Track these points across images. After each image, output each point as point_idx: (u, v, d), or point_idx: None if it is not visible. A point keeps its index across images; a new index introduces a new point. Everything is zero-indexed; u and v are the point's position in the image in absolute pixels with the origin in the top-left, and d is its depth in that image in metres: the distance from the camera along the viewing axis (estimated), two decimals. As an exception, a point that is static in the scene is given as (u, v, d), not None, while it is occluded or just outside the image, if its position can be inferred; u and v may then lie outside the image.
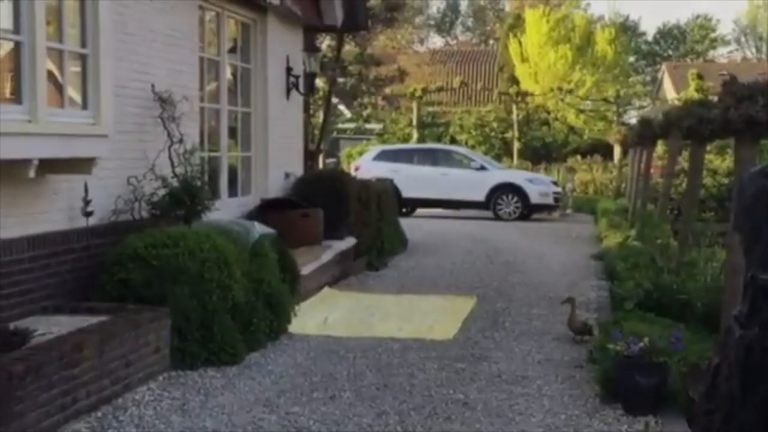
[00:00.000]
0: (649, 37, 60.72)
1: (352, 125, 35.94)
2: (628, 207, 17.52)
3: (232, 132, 10.76)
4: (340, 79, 20.11)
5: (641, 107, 43.92)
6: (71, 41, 6.38)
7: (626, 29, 49.33)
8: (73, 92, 6.55)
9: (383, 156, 22.40)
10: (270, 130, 11.18)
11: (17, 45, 5.74)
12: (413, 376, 6.60)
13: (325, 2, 12.58)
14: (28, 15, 5.70)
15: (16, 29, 5.72)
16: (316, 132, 16.37)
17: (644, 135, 14.91)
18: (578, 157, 32.39)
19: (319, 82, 20.12)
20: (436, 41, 62.10)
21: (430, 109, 36.05)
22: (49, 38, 5.98)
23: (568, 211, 23.33)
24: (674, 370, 5.84)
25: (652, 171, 16.40)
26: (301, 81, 12.11)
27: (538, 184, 21.72)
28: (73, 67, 6.54)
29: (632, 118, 37.54)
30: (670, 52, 59.31)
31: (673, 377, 5.81)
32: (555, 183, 22.99)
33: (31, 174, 5.84)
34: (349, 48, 23.47)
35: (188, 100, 8.47)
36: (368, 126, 36.01)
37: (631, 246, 11.20)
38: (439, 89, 35.11)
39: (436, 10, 63.12)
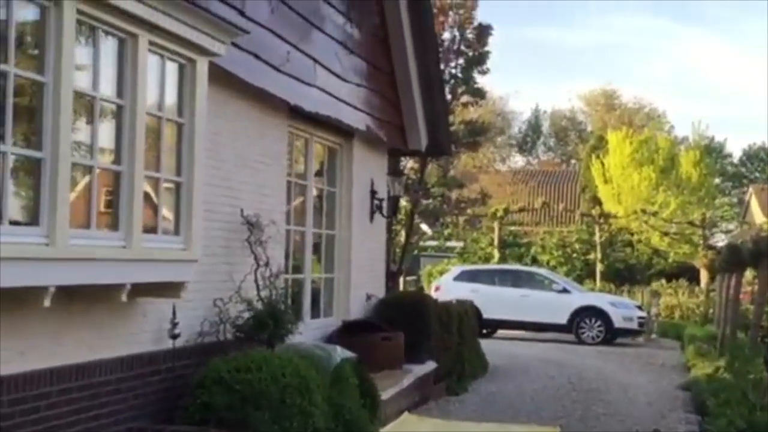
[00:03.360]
0: (735, 159, 60.03)
1: (433, 243, 36.08)
2: (717, 334, 17.03)
3: (316, 251, 10.90)
4: (423, 201, 20.39)
5: (728, 231, 43.12)
6: (167, 169, 6.58)
7: (711, 151, 48.89)
8: (165, 212, 6.70)
9: (464, 276, 22.42)
10: (353, 252, 11.30)
11: (117, 173, 5.94)
12: None
13: (409, 127, 12.83)
14: (129, 145, 5.90)
15: (117, 159, 5.93)
16: (398, 251, 16.47)
17: (732, 261, 14.63)
18: (663, 280, 31.83)
19: (402, 202, 20.34)
20: (518, 160, 62.63)
21: (512, 228, 36.05)
22: (145, 166, 6.17)
23: (653, 336, 22.83)
24: None
25: (741, 297, 16.00)
26: (384, 204, 12.28)
27: (622, 308, 21.38)
28: (166, 188, 6.69)
29: (719, 241, 36.83)
30: (757, 174, 58.43)
31: None
32: (639, 307, 22.59)
33: (123, 298, 5.97)
34: (432, 167, 23.75)
35: (275, 224, 8.64)
36: (449, 244, 36.09)
37: (721, 379, 10.86)
38: (521, 209, 35.17)
39: (518, 130, 63.88)
